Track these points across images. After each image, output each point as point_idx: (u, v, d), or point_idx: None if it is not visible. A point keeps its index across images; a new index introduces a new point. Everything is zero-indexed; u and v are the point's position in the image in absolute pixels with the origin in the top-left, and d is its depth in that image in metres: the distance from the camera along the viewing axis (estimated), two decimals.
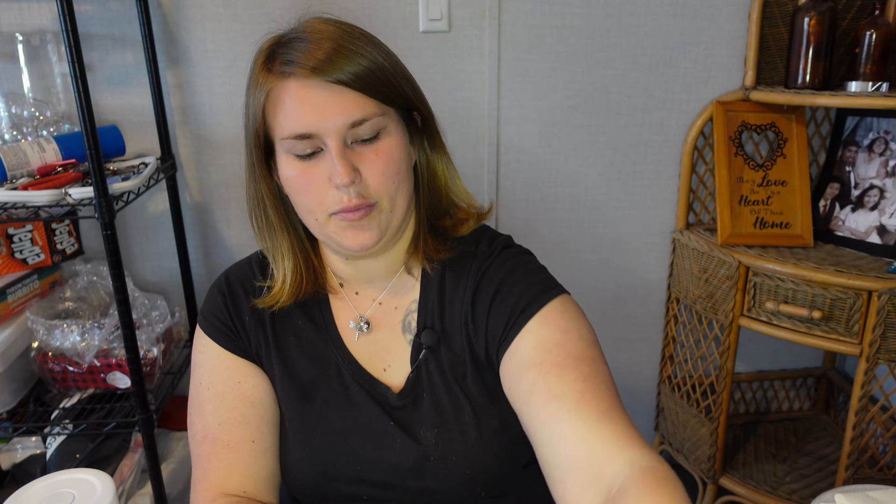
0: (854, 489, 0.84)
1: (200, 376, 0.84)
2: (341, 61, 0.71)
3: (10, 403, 1.36)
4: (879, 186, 1.55)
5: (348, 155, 0.73)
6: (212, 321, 0.85)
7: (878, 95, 1.41)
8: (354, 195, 0.73)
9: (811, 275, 1.41)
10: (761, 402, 1.99)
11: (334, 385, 0.83)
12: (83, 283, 1.50)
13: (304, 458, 0.82)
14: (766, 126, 1.65)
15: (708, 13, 1.63)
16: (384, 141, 0.75)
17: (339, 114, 0.71)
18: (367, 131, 0.73)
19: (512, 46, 1.60)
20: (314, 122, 0.71)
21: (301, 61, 0.71)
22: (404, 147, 0.78)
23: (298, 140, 0.72)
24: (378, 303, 0.86)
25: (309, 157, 0.74)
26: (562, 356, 0.72)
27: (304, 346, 0.84)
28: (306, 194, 0.75)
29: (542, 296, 0.77)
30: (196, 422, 0.82)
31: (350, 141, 0.73)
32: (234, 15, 1.50)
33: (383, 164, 0.74)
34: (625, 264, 1.81)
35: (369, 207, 0.74)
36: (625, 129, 1.70)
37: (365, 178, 0.74)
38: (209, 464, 0.80)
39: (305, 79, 0.71)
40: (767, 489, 1.66)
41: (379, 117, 0.73)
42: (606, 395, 0.70)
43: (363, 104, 0.72)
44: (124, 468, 1.38)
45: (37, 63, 1.43)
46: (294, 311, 0.85)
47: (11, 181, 1.24)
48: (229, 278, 0.87)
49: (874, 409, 1.45)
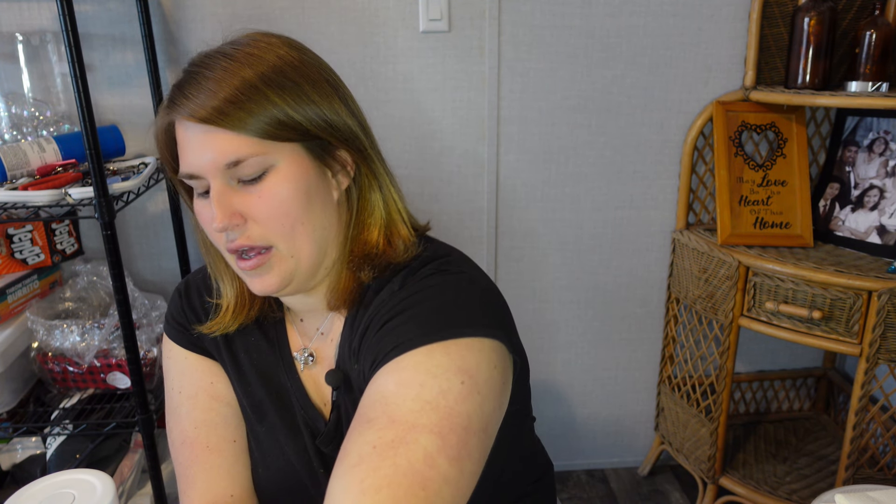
0: (854, 489, 0.84)
1: (171, 381, 0.82)
2: (229, 109, 0.64)
3: (10, 403, 1.36)
4: (879, 186, 1.55)
5: (231, 196, 0.67)
6: (174, 325, 0.83)
7: (878, 95, 1.41)
8: (237, 237, 0.68)
9: (811, 275, 1.41)
10: (761, 402, 1.99)
11: (283, 411, 0.80)
12: (83, 283, 1.50)
13: (265, 475, 0.80)
14: (766, 126, 1.65)
15: (708, 13, 1.63)
16: (270, 181, 0.67)
17: (215, 154, 0.66)
18: (248, 172, 0.66)
19: (512, 46, 1.60)
20: (193, 164, 0.67)
21: (176, 100, 0.67)
22: (299, 184, 0.68)
23: (189, 179, 0.69)
24: (320, 332, 0.81)
25: (204, 195, 0.70)
26: (377, 412, 0.60)
27: (255, 364, 0.81)
28: (208, 232, 0.72)
29: (415, 340, 0.63)
30: (174, 428, 0.80)
31: (235, 181, 0.67)
32: (234, 15, 1.50)
33: (267, 207, 0.67)
34: (625, 264, 1.81)
35: (265, 253, 0.69)
36: (625, 129, 1.70)
37: (250, 221, 0.68)
38: (192, 470, 0.78)
39: (181, 118, 0.67)
40: (767, 489, 1.66)
41: (260, 157, 0.66)
42: (389, 472, 0.56)
43: (238, 144, 0.65)
44: (124, 468, 1.38)
45: (37, 63, 1.43)
46: (251, 328, 0.82)
47: (11, 181, 1.24)
48: (188, 283, 0.85)
49: (874, 409, 1.45)
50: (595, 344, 1.86)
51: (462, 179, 1.68)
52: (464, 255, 0.78)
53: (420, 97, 1.60)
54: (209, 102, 0.64)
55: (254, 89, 0.65)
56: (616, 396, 1.92)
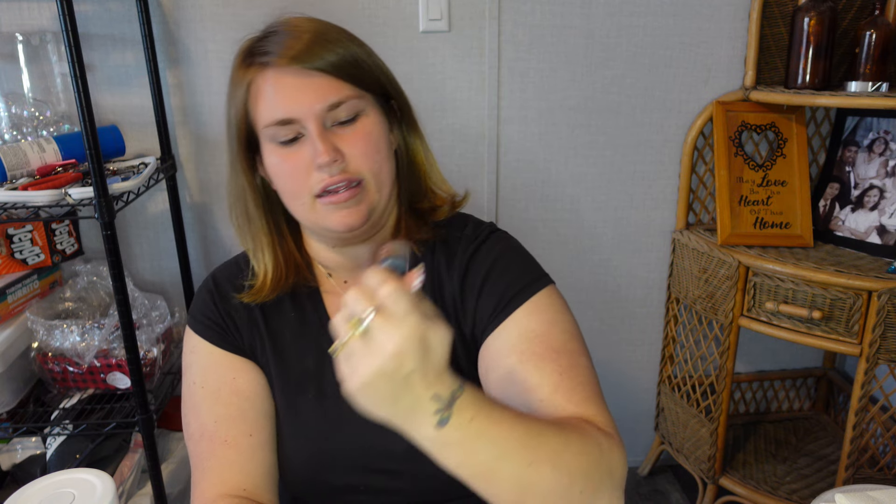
0: (854, 489, 0.84)
1: (193, 376, 0.84)
2: (317, 50, 0.74)
3: (10, 404, 1.36)
4: (879, 186, 1.55)
5: (329, 136, 0.75)
6: (201, 320, 0.85)
7: (878, 95, 1.41)
8: (337, 172, 0.75)
9: (811, 275, 1.41)
10: (761, 402, 1.99)
11: (328, 375, 0.83)
12: (83, 283, 1.50)
13: (300, 450, 0.82)
14: (766, 126, 1.65)
15: (708, 13, 1.63)
16: (362, 122, 0.77)
17: (315, 98, 0.74)
18: (345, 113, 0.75)
19: (512, 46, 1.60)
20: (292, 108, 0.74)
21: (277, 51, 0.74)
22: (383, 129, 0.80)
23: (280, 126, 0.75)
24: None
25: (290, 143, 0.76)
26: (542, 347, 0.74)
27: (296, 337, 0.85)
28: (291, 179, 0.77)
29: (532, 285, 0.79)
30: (192, 422, 0.82)
31: (329, 124, 0.75)
32: (234, 15, 1.50)
33: (363, 143, 0.76)
34: (625, 264, 1.81)
35: (356, 187, 0.76)
36: (625, 129, 1.70)
37: (347, 157, 0.75)
38: (208, 462, 0.79)
39: (283, 67, 0.74)
40: (767, 489, 1.66)
41: (355, 100, 0.76)
42: (580, 389, 0.72)
43: (339, 88, 0.75)
44: (124, 468, 1.38)
45: (37, 63, 1.43)
46: (286, 305, 0.86)
47: (11, 181, 1.24)
48: (216, 277, 0.88)
49: (874, 409, 1.45)
50: (595, 344, 1.86)
51: (462, 179, 1.68)
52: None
53: (420, 97, 1.60)
54: (312, 49, 0.74)
55: (343, 42, 0.76)
56: (616, 396, 1.92)
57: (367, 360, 0.54)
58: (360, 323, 0.54)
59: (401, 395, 0.56)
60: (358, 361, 0.55)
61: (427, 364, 0.55)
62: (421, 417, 0.57)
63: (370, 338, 0.54)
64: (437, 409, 0.57)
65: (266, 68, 0.75)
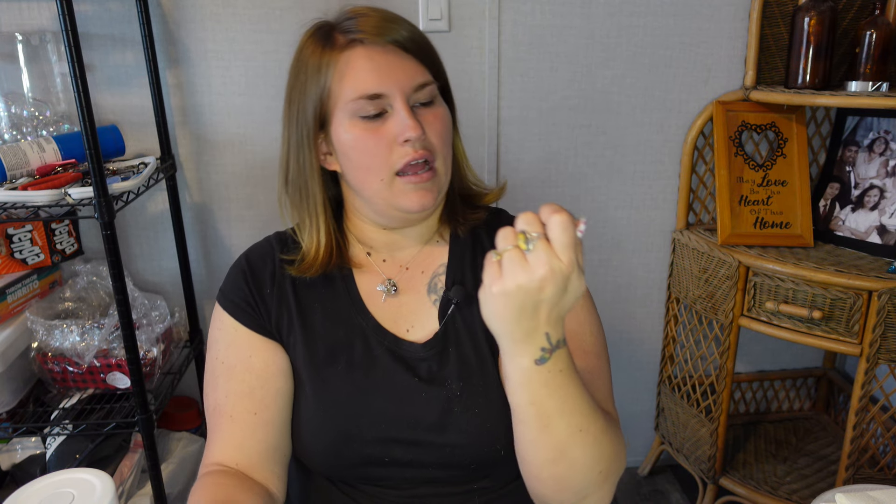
0: (854, 489, 0.84)
1: (217, 352, 0.86)
2: (396, 26, 0.80)
3: (10, 403, 1.36)
4: (879, 186, 1.55)
5: (413, 115, 0.79)
6: (231, 298, 0.87)
7: (878, 95, 1.41)
8: (420, 147, 0.79)
9: (811, 275, 1.41)
10: (761, 402, 1.99)
11: (358, 348, 0.85)
12: (83, 283, 1.50)
13: (326, 421, 0.83)
14: (766, 126, 1.65)
15: (708, 13, 1.63)
16: (438, 107, 0.83)
17: (405, 76, 0.79)
18: (426, 96, 0.81)
19: (512, 46, 1.60)
20: (384, 82, 0.78)
21: (363, 28, 0.79)
22: (450, 117, 0.85)
23: (367, 101, 0.78)
24: (405, 268, 0.90)
25: (373, 119, 0.79)
26: (573, 346, 0.80)
27: (327, 312, 0.87)
28: (371, 154, 0.79)
29: None
30: (209, 395, 0.86)
31: (411, 103, 0.80)
32: (234, 15, 1.50)
33: (440, 126, 0.82)
34: (625, 264, 1.81)
35: (431, 171, 0.80)
36: (625, 129, 1.70)
37: (427, 136, 0.80)
38: (213, 434, 0.83)
39: (371, 44, 0.79)
40: (767, 489, 1.66)
41: (433, 85, 0.82)
42: (604, 389, 0.83)
43: (423, 71, 0.81)
44: (124, 468, 1.38)
45: (37, 63, 1.43)
46: (317, 281, 0.88)
47: (11, 181, 1.24)
48: (249, 256, 0.91)
49: (874, 409, 1.45)
50: None
51: None
52: None
53: None
54: (405, 34, 0.80)
55: (429, 41, 0.84)
56: (616, 396, 1.91)
57: (517, 272, 0.60)
58: (527, 240, 0.60)
59: (525, 317, 0.62)
60: (509, 270, 0.61)
61: (558, 303, 0.62)
62: (527, 347, 0.64)
63: (530, 255, 0.60)
64: (542, 347, 0.64)
65: (356, 45, 0.79)
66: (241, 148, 1.58)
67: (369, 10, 0.82)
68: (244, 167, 1.59)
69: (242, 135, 1.58)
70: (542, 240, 0.60)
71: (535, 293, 0.61)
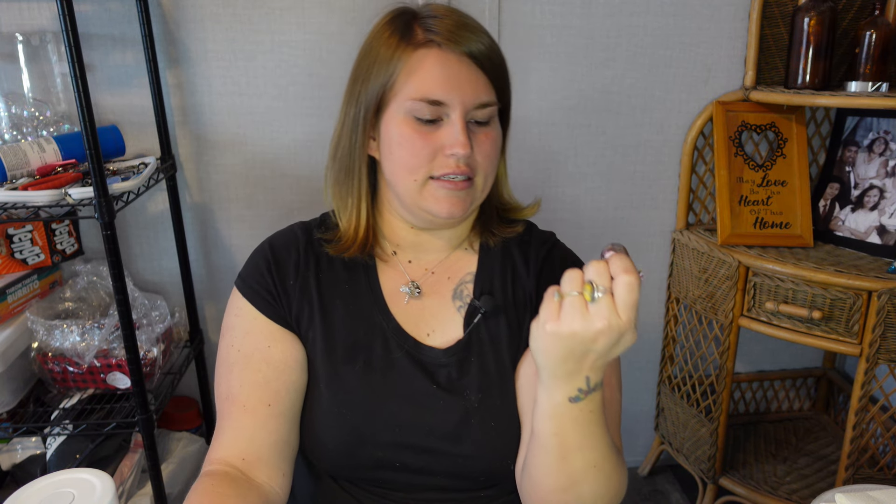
0: (854, 489, 0.84)
1: (232, 338, 0.85)
2: (473, 36, 0.79)
3: (10, 403, 1.36)
4: (879, 186, 1.55)
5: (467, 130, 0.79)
6: (252, 285, 0.86)
7: (878, 95, 1.41)
8: (463, 164, 0.79)
9: (811, 275, 1.41)
10: (761, 402, 1.99)
11: (377, 349, 0.85)
12: (83, 283, 1.50)
13: (339, 420, 0.83)
14: (766, 126, 1.65)
15: (708, 13, 1.63)
16: (492, 128, 0.82)
17: (472, 91, 0.78)
18: (484, 116, 0.80)
19: (512, 46, 1.60)
20: (449, 92, 0.78)
21: (441, 31, 0.78)
22: (500, 140, 0.85)
23: (427, 104, 0.78)
24: (431, 272, 0.90)
25: (427, 123, 0.79)
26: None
27: (349, 309, 0.86)
28: (413, 153, 0.79)
29: None
30: (222, 382, 0.84)
31: (467, 120, 0.79)
32: (234, 15, 1.50)
33: (489, 148, 0.81)
34: None
35: (468, 182, 0.80)
36: (625, 129, 1.70)
37: (473, 155, 0.80)
38: (225, 423, 0.82)
39: (448, 50, 0.78)
40: (767, 489, 1.66)
41: (494, 107, 0.82)
42: (615, 417, 0.83)
43: (489, 91, 0.80)
44: (124, 468, 1.38)
45: (37, 63, 1.43)
46: (341, 276, 0.88)
47: (11, 181, 1.24)
48: (273, 244, 0.89)
49: (874, 409, 1.45)
50: None
51: None
52: None
53: None
54: (488, 54, 0.80)
55: (504, 60, 0.83)
56: None
57: (575, 319, 0.61)
58: (593, 292, 0.61)
59: (572, 360, 0.64)
60: (568, 315, 0.62)
61: (607, 353, 0.64)
62: (565, 385, 0.66)
63: (593, 306, 0.61)
64: (580, 388, 0.66)
65: (432, 46, 0.78)
66: (241, 148, 1.58)
67: (447, 10, 0.81)
68: (244, 167, 1.59)
69: (242, 135, 1.58)
70: (607, 295, 0.61)
71: (588, 343, 0.62)
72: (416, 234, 0.88)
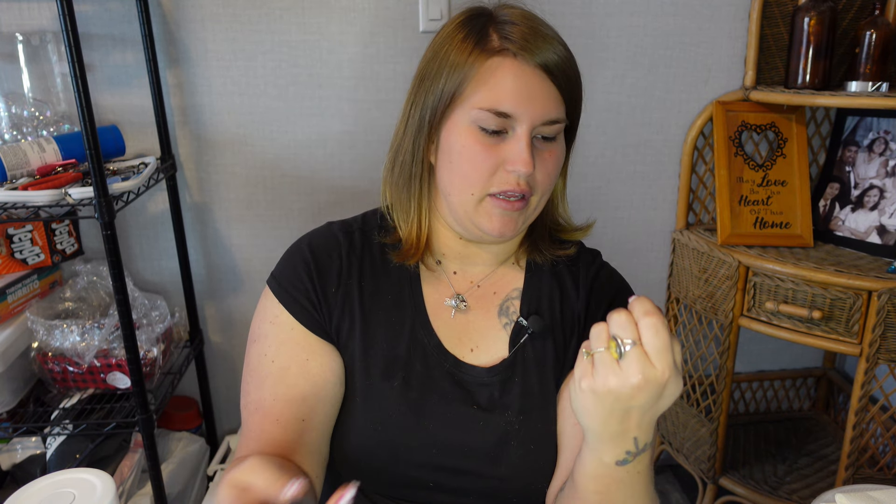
0: (854, 489, 0.84)
1: (266, 347, 0.80)
2: (549, 46, 0.75)
3: (10, 403, 1.36)
4: (879, 186, 1.55)
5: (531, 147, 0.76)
6: (292, 293, 0.81)
7: (878, 95, 1.41)
8: (524, 182, 0.76)
9: (811, 275, 1.41)
10: (761, 402, 1.99)
11: (416, 366, 0.82)
12: (83, 283, 1.50)
13: (374, 437, 0.80)
14: (766, 126, 1.65)
15: (708, 13, 1.63)
16: (557, 146, 0.79)
17: (542, 107, 0.75)
18: (551, 132, 0.77)
19: None
20: (519, 106, 0.74)
21: (516, 38, 0.74)
22: (563, 158, 0.83)
23: (494, 115, 0.74)
24: (476, 286, 0.87)
25: (491, 134, 0.76)
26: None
27: (390, 322, 0.83)
28: (474, 167, 0.76)
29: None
30: (252, 391, 0.80)
31: (534, 133, 0.76)
32: (234, 15, 1.50)
33: (552, 167, 0.79)
34: (625, 264, 1.79)
35: (524, 201, 0.78)
36: (625, 129, 1.70)
37: (536, 171, 0.77)
38: (254, 435, 0.78)
39: (523, 61, 0.74)
40: (767, 489, 1.66)
41: (562, 124, 0.78)
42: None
43: (560, 107, 0.77)
44: (124, 468, 1.38)
45: (37, 63, 1.43)
46: (384, 285, 0.84)
47: (11, 181, 1.24)
48: (314, 247, 0.84)
49: (874, 409, 1.45)
50: None
51: None
52: None
53: None
54: (563, 67, 0.76)
55: (578, 73, 0.80)
56: None
57: (609, 377, 0.58)
58: (619, 347, 0.58)
59: (614, 420, 0.61)
60: (601, 372, 0.59)
61: (652, 408, 0.60)
62: (613, 448, 0.63)
63: (623, 360, 0.58)
64: (628, 451, 0.63)
65: (507, 55, 0.75)
66: (241, 148, 1.58)
67: (522, 16, 0.77)
68: (244, 167, 1.60)
69: (242, 135, 1.58)
70: (637, 347, 0.58)
71: (627, 400, 0.58)
72: (465, 245, 0.86)
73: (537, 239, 0.88)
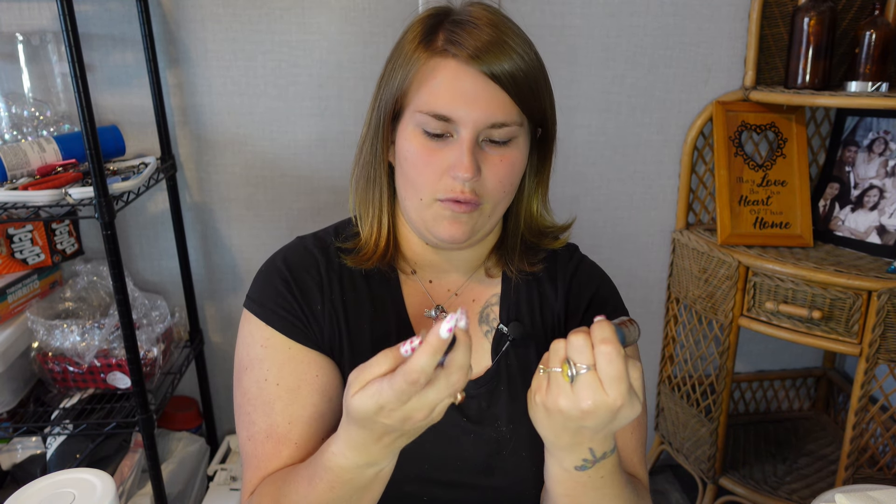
0: (854, 489, 0.84)
1: (265, 372, 0.77)
2: (501, 55, 0.70)
3: (10, 403, 1.36)
4: (879, 186, 1.55)
5: (476, 152, 0.72)
6: (276, 311, 0.78)
7: (878, 95, 1.41)
8: (468, 189, 0.72)
9: (811, 275, 1.41)
10: (761, 402, 1.99)
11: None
12: (83, 283, 1.50)
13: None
14: (766, 126, 1.65)
15: (708, 13, 1.63)
16: (512, 150, 0.74)
17: (483, 110, 0.71)
18: (501, 136, 0.73)
19: None
20: (457, 109, 0.71)
21: (465, 44, 0.71)
22: (524, 161, 0.77)
23: (434, 119, 0.72)
24: (454, 294, 0.85)
25: (435, 138, 0.73)
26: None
27: (374, 336, 0.81)
28: (420, 172, 0.74)
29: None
30: (258, 420, 0.76)
31: (481, 139, 0.73)
32: (234, 15, 1.50)
33: (504, 172, 0.74)
34: (625, 264, 1.81)
35: (474, 206, 0.74)
36: (625, 129, 1.70)
37: (483, 178, 0.73)
38: (270, 463, 0.75)
39: (464, 64, 0.71)
40: (767, 489, 1.66)
41: (516, 126, 0.73)
42: (641, 450, 0.82)
43: (508, 109, 0.72)
44: (124, 468, 1.38)
45: (37, 63, 1.43)
46: (365, 296, 0.82)
47: (11, 181, 1.24)
48: (289, 263, 0.81)
49: (874, 409, 1.45)
50: None
51: None
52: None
53: None
54: (507, 67, 0.70)
55: (539, 73, 0.74)
56: None
57: (560, 398, 0.59)
58: (570, 370, 0.58)
59: (566, 435, 0.62)
60: (553, 391, 0.59)
61: (605, 428, 0.60)
62: (569, 457, 0.64)
63: (576, 384, 0.58)
64: (585, 458, 0.64)
65: (447, 57, 0.71)
66: (241, 148, 1.58)
67: (485, 18, 0.73)
68: (244, 167, 1.60)
69: (242, 135, 1.58)
70: (591, 372, 0.57)
71: (577, 420, 0.59)
72: (433, 252, 0.83)
73: (509, 250, 0.85)
